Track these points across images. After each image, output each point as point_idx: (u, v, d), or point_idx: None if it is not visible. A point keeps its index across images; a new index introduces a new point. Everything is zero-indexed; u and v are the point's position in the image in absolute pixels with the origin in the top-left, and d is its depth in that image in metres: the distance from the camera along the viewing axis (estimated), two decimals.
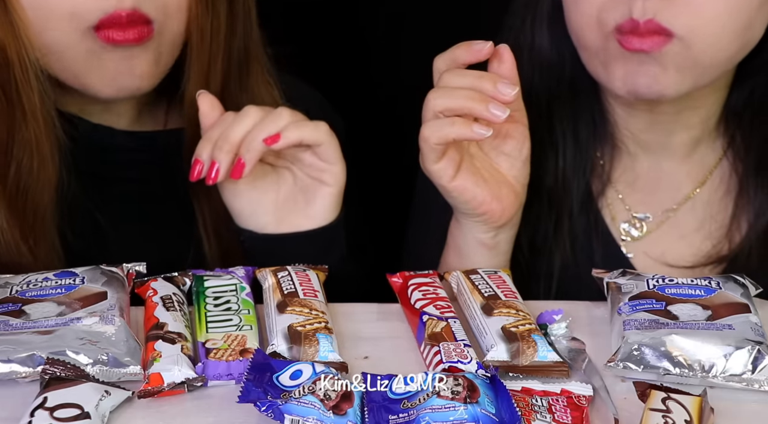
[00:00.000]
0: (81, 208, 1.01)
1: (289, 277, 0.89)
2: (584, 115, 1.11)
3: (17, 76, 0.93)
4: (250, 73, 1.05)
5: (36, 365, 0.77)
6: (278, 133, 0.93)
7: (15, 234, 0.95)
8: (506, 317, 0.85)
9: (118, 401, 0.75)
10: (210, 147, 0.94)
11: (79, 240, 1.01)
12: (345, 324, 0.88)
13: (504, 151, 0.99)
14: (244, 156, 0.93)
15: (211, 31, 0.99)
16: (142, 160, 1.06)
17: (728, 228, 1.09)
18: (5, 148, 0.94)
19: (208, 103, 0.97)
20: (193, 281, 0.90)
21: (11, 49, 0.92)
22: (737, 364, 0.79)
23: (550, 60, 1.10)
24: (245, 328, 0.83)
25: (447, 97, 0.93)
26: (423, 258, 1.07)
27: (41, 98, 0.94)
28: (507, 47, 0.95)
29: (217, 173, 0.94)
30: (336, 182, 0.99)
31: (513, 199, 0.99)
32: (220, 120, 0.96)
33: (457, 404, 0.72)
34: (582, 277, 1.06)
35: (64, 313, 0.81)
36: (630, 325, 0.83)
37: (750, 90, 1.08)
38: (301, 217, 1.00)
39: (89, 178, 1.02)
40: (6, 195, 0.94)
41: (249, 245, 1.01)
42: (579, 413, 0.75)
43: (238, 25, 1.02)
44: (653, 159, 1.11)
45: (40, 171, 0.95)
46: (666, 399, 0.74)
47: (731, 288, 0.87)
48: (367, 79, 1.51)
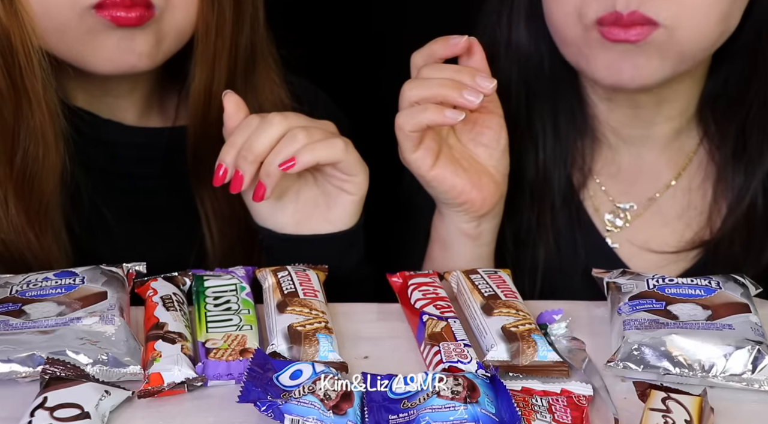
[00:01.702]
0: (87, 202, 1.01)
1: (289, 277, 0.89)
2: (564, 108, 1.12)
3: (22, 63, 0.93)
4: (257, 71, 1.05)
5: (36, 365, 0.77)
6: (293, 157, 0.92)
7: (22, 219, 0.95)
8: (506, 316, 0.85)
9: (118, 401, 0.75)
10: (234, 153, 0.94)
11: (85, 233, 1.01)
12: (345, 324, 0.88)
13: (482, 142, 1.00)
14: (264, 180, 0.93)
15: (216, 27, 0.99)
16: (149, 157, 1.07)
17: (709, 214, 1.10)
18: (12, 134, 0.95)
19: (234, 103, 0.96)
20: (193, 280, 0.90)
21: (15, 36, 0.93)
22: (737, 364, 0.79)
23: (528, 55, 1.11)
24: (245, 328, 0.83)
25: (421, 87, 0.94)
26: (407, 260, 1.08)
27: (44, 87, 0.95)
28: (475, 40, 0.97)
29: (241, 183, 0.93)
30: (358, 191, 0.98)
31: (493, 188, 1.00)
32: (244, 124, 0.95)
33: (457, 404, 0.72)
34: (566, 270, 1.08)
35: (64, 313, 0.81)
36: (630, 325, 0.83)
37: (725, 77, 1.09)
38: (321, 220, 0.99)
39: (96, 172, 1.02)
40: (13, 180, 0.95)
41: (267, 244, 1.01)
42: (579, 413, 0.75)
43: (245, 23, 1.02)
44: (634, 150, 1.12)
45: (45, 159, 0.96)
46: (666, 399, 0.74)
47: (731, 288, 0.87)
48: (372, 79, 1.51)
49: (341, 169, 0.96)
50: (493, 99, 0.99)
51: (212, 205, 1.05)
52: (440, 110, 0.92)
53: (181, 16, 0.97)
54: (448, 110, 0.92)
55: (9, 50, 0.93)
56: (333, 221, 0.99)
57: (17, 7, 0.92)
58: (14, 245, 0.96)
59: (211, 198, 1.05)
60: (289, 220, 0.99)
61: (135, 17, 0.93)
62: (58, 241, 0.98)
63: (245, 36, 1.03)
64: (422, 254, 1.08)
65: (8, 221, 0.95)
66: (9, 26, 0.92)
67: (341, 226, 0.99)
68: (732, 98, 1.09)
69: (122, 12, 0.93)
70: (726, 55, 1.07)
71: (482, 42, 0.98)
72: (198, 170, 1.04)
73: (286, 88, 1.08)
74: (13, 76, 0.94)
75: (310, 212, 0.99)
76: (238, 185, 0.93)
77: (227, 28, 1.00)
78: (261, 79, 1.06)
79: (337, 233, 0.99)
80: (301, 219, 0.99)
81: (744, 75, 1.08)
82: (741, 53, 1.07)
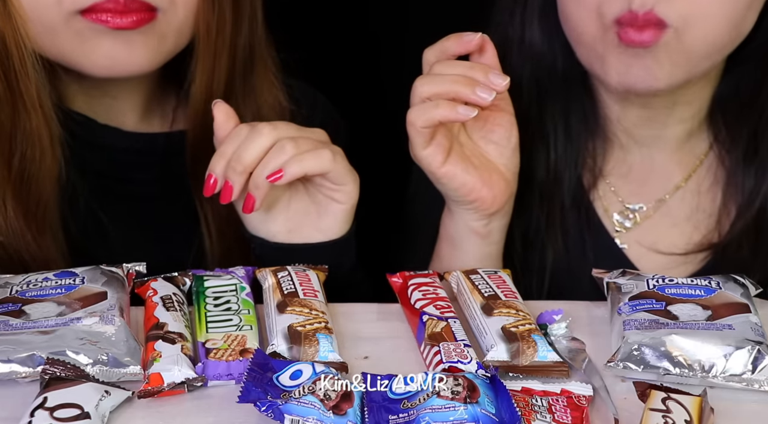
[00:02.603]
0: (85, 206, 1.01)
1: (289, 277, 0.89)
2: (576, 108, 1.12)
3: (16, 66, 0.93)
4: (255, 73, 1.05)
5: (36, 365, 0.77)
6: (281, 168, 0.92)
7: (20, 221, 0.96)
8: (506, 317, 0.85)
9: (118, 401, 0.75)
10: (224, 163, 0.93)
11: (82, 236, 1.01)
12: (345, 324, 0.88)
13: (492, 139, 0.99)
14: (253, 192, 0.93)
15: (216, 27, 0.99)
16: (147, 162, 1.07)
17: (718, 217, 1.10)
18: (9, 137, 0.95)
19: (224, 113, 0.96)
20: (193, 281, 0.90)
21: (9, 38, 0.93)
22: (737, 364, 0.79)
23: (541, 54, 1.10)
24: (245, 328, 0.83)
25: (433, 83, 0.93)
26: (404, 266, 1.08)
27: (39, 90, 0.95)
28: (488, 38, 0.96)
29: (230, 194, 0.93)
30: (348, 200, 0.98)
31: (504, 186, 1.00)
32: (234, 133, 0.94)
33: (457, 404, 0.72)
34: (574, 270, 1.07)
35: (64, 313, 0.81)
36: (630, 325, 0.83)
37: (737, 80, 1.08)
38: (312, 229, 0.99)
39: (93, 176, 1.02)
40: (11, 183, 0.95)
41: (259, 252, 1.01)
42: (579, 413, 0.75)
43: (243, 24, 1.02)
44: (645, 151, 1.12)
45: (42, 161, 0.96)
46: (666, 399, 0.74)
47: (731, 288, 0.87)
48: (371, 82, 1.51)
49: (330, 179, 0.96)
50: (505, 97, 0.99)
51: (211, 207, 1.05)
52: (453, 106, 0.92)
53: (182, 16, 0.97)
54: (461, 106, 0.92)
55: (4, 53, 0.93)
56: (324, 229, 0.99)
57: (10, 9, 0.92)
58: (12, 247, 0.96)
59: (210, 202, 1.05)
60: (280, 229, 0.99)
61: (131, 21, 0.93)
62: (56, 242, 0.98)
63: (244, 37, 1.03)
64: (419, 260, 1.08)
65: (6, 222, 0.95)
66: (3, 29, 0.92)
67: (332, 235, 0.99)
68: (744, 102, 1.08)
69: (118, 19, 0.93)
70: (739, 58, 1.07)
71: (494, 40, 0.97)
72: (197, 172, 1.04)
73: (284, 90, 1.08)
74: (8, 79, 0.94)
75: (301, 221, 0.99)
76: (228, 196, 0.93)
77: (227, 28, 1.00)
78: (259, 80, 1.06)
79: (328, 242, 0.99)
80: (293, 228, 0.99)
81: (756, 78, 1.07)
82: (754, 56, 1.07)
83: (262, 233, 1.00)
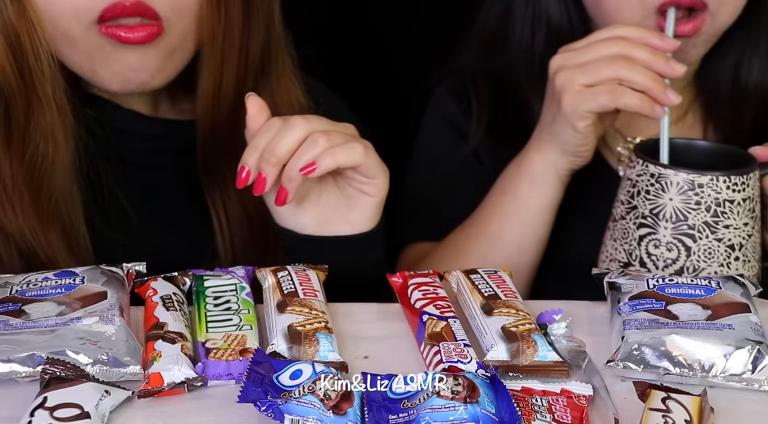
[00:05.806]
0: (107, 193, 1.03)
1: (289, 277, 0.89)
2: None
3: (31, 64, 0.94)
4: (271, 72, 1.05)
5: (36, 365, 0.77)
6: (314, 161, 0.93)
7: (32, 216, 0.97)
8: (506, 316, 0.85)
9: (118, 401, 0.75)
10: (256, 155, 0.93)
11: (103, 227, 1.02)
12: (345, 324, 0.88)
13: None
14: (286, 184, 0.93)
15: (223, 31, 0.99)
16: (163, 148, 1.07)
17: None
18: (24, 132, 0.96)
19: (257, 106, 0.96)
20: (193, 280, 0.90)
21: (25, 37, 0.94)
22: (737, 364, 0.80)
23: (558, 26, 1.19)
24: (245, 328, 0.83)
25: (631, 70, 1.01)
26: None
27: (53, 87, 0.96)
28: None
29: (264, 185, 0.94)
30: (378, 193, 0.98)
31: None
32: (267, 126, 0.94)
33: (457, 403, 0.72)
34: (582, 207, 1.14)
35: (64, 313, 0.81)
36: (630, 325, 0.83)
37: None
38: (341, 222, 1.00)
39: (114, 162, 1.03)
40: (25, 176, 0.96)
41: (288, 245, 1.01)
42: (579, 413, 0.75)
43: (257, 26, 1.02)
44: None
45: (56, 157, 0.97)
46: (666, 399, 0.74)
47: (731, 288, 0.87)
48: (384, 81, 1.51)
49: (361, 172, 0.96)
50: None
51: (223, 203, 1.06)
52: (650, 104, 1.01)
53: (187, 22, 0.97)
54: (657, 107, 1.01)
55: (20, 50, 0.94)
56: (353, 222, 1.00)
57: (26, 9, 0.93)
58: (25, 242, 0.97)
59: (222, 196, 1.06)
60: (310, 221, 1.00)
61: (142, 36, 0.94)
62: (65, 238, 0.99)
63: (259, 38, 1.03)
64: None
65: (21, 216, 0.96)
66: (19, 27, 0.93)
67: (361, 228, 1.00)
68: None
69: (129, 32, 0.94)
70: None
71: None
72: (207, 168, 1.05)
73: (302, 88, 1.08)
74: (24, 75, 0.95)
75: (331, 213, 1.00)
76: (261, 187, 0.94)
77: (236, 32, 1.00)
78: (277, 78, 1.06)
79: (358, 235, 1.00)
80: (323, 221, 1.00)
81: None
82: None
83: (291, 225, 1.00)
